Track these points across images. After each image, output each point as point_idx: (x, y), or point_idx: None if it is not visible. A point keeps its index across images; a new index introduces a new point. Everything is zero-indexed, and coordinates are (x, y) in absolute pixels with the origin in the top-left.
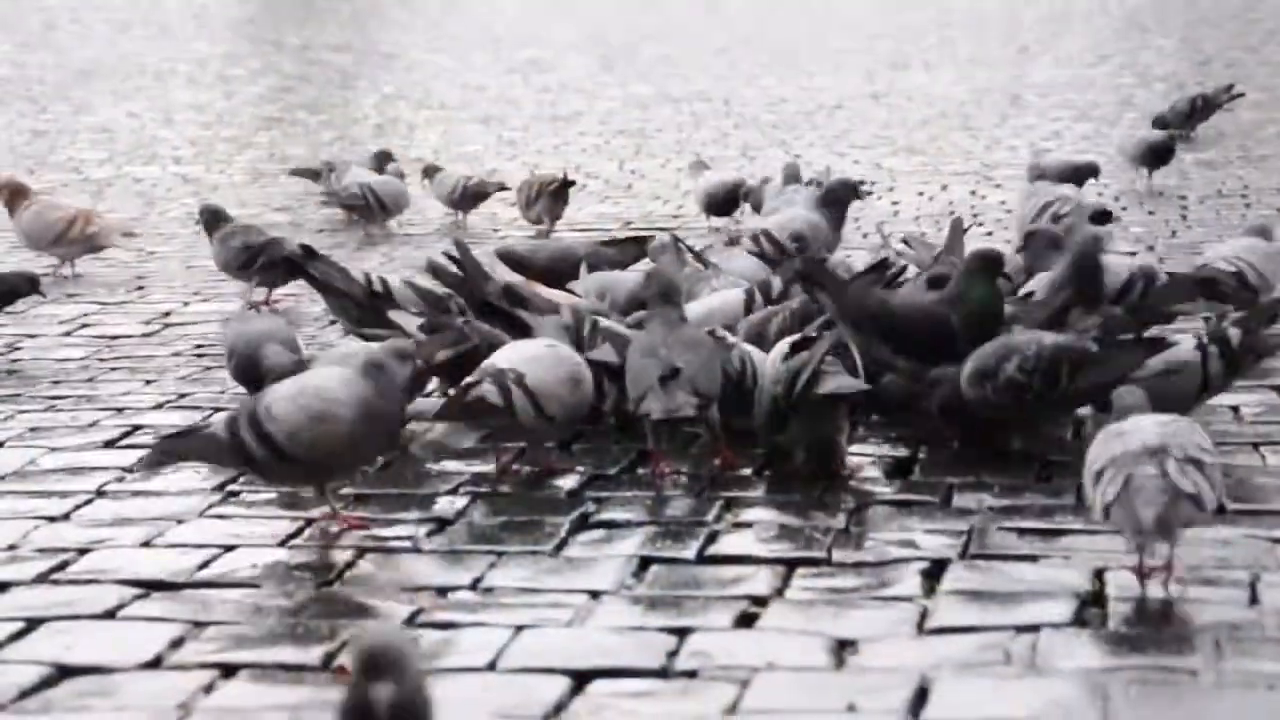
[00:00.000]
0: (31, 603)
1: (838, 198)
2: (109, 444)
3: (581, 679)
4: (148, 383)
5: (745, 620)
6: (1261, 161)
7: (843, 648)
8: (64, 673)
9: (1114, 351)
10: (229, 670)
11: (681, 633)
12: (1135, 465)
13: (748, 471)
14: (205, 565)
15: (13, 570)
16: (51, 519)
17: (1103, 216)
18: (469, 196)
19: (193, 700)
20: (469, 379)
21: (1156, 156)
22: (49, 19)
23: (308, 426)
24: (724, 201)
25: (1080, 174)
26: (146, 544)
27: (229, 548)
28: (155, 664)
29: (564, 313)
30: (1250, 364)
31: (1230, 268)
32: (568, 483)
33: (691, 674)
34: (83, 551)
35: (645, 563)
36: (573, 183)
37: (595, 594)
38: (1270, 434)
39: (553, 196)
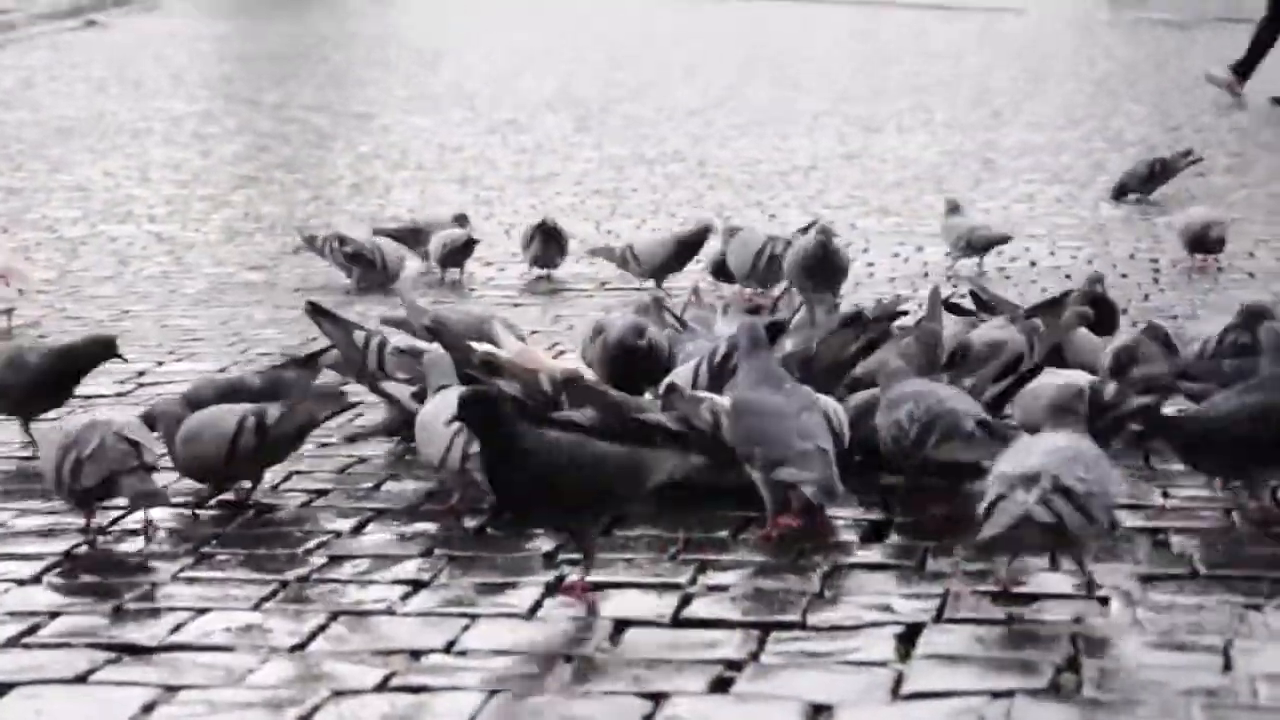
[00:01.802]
0: (2, 667)
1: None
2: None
3: None
4: None
5: (720, 685)
6: (1232, 225)
7: (817, 713)
8: None
9: (985, 437)
10: None
11: (656, 697)
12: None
13: (723, 534)
14: (178, 629)
15: None
16: (21, 582)
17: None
18: (448, 254)
19: None
20: None
21: (1197, 241)
22: (26, 77)
23: None
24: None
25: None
26: (118, 608)
27: (201, 611)
28: None
29: (543, 380)
30: None
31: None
32: (543, 545)
33: None
34: (54, 615)
35: (620, 626)
36: (476, 241)
37: (569, 657)
38: (1243, 499)
39: (459, 252)
